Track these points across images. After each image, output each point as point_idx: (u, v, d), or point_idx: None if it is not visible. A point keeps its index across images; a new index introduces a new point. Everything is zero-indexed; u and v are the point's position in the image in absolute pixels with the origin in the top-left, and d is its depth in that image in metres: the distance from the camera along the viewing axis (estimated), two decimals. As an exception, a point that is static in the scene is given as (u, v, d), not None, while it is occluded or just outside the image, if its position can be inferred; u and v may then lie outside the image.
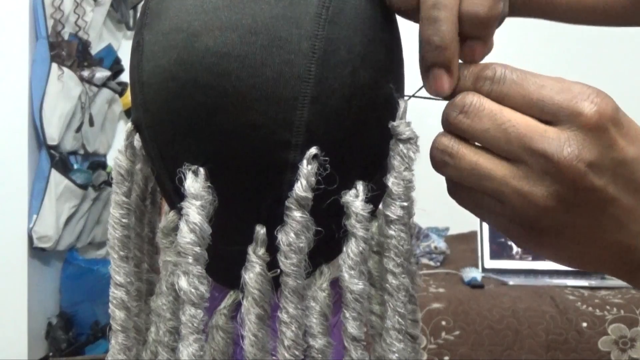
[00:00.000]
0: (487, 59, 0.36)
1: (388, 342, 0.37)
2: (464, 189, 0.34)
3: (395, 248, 0.37)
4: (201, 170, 0.34)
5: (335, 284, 0.38)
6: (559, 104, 0.31)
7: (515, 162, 0.31)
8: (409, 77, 0.41)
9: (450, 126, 0.33)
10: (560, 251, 0.33)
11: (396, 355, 0.37)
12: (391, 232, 0.37)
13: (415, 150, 0.36)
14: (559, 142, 0.30)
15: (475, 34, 0.34)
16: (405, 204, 0.36)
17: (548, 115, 0.31)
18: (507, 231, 0.34)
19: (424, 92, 0.39)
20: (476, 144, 0.33)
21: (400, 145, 0.37)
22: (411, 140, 0.36)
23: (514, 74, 0.32)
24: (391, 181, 0.37)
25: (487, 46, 0.35)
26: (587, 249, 0.33)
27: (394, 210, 0.37)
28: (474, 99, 0.32)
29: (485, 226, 1.93)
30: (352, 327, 0.36)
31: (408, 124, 0.37)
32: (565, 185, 0.30)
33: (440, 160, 0.34)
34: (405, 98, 0.39)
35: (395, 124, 0.37)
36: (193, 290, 0.34)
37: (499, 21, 0.36)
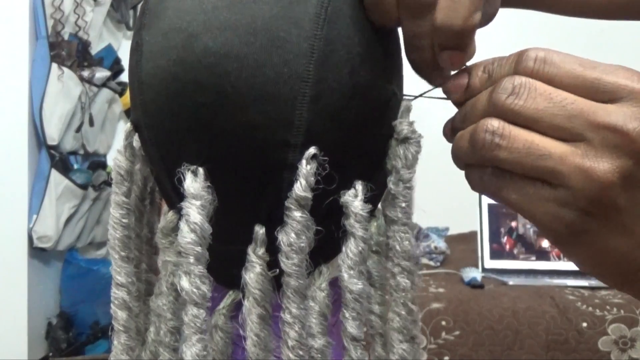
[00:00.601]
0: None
1: (389, 342, 0.38)
2: (505, 177, 0.32)
3: (395, 248, 0.37)
4: (200, 170, 0.34)
5: (334, 284, 0.38)
6: (617, 83, 0.30)
7: (572, 141, 0.30)
8: (408, 76, 0.41)
9: (499, 109, 0.32)
10: (598, 245, 0.32)
11: (396, 356, 0.37)
12: (391, 233, 0.37)
13: (415, 150, 0.36)
14: (624, 116, 0.29)
15: (451, 45, 0.34)
16: (403, 204, 0.37)
17: (605, 94, 0.30)
18: (553, 220, 0.32)
19: (428, 93, 0.39)
20: None
21: (399, 146, 0.37)
22: (409, 140, 0.36)
23: (558, 55, 0.31)
24: (391, 181, 0.37)
25: (467, 54, 0.35)
26: (626, 244, 0.32)
27: (393, 211, 0.37)
28: (522, 80, 0.31)
29: (485, 226, 1.93)
30: (351, 327, 0.36)
31: (410, 124, 0.37)
32: (631, 158, 0.30)
33: (490, 143, 0.32)
34: (411, 97, 0.39)
35: (395, 123, 0.37)
36: (195, 290, 0.34)
37: (486, 22, 0.37)
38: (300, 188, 0.34)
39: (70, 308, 2.18)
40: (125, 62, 2.42)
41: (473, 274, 1.76)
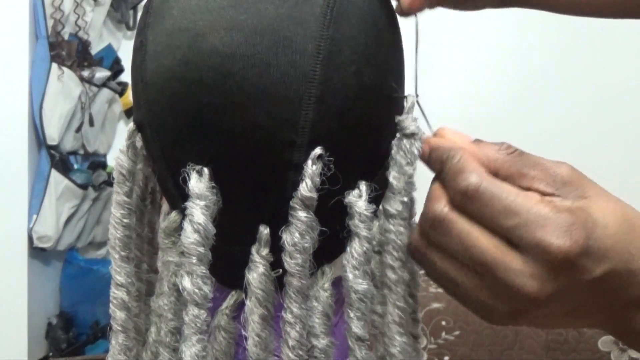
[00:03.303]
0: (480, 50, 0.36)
1: (389, 336, 0.37)
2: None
3: (394, 242, 0.37)
4: (205, 170, 0.34)
5: (337, 284, 0.38)
6: (527, 240, 0.30)
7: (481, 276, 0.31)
8: (408, 74, 0.41)
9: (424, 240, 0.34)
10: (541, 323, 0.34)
11: (398, 349, 0.37)
12: (390, 227, 0.37)
13: (419, 145, 0.36)
14: (522, 276, 0.30)
15: None
16: (405, 199, 0.36)
17: (516, 244, 0.30)
18: (483, 308, 0.33)
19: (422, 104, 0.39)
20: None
21: (404, 140, 0.37)
22: (415, 135, 0.37)
23: (487, 190, 0.31)
24: (392, 175, 0.37)
25: None
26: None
27: (394, 205, 0.37)
28: (441, 216, 0.32)
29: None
30: (356, 327, 0.36)
31: (414, 119, 0.37)
32: (524, 307, 0.31)
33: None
34: (413, 95, 0.39)
35: (400, 118, 0.37)
36: (197, 290, 0.34)
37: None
38: (306, 188, 0.34)
39: (70, 308, 2.18)
40: (125, 62, 2.41)
41: (473, 274, 1.76)
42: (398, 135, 0.37)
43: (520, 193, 0.31)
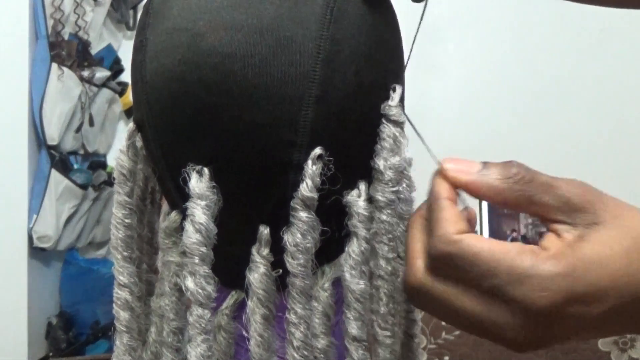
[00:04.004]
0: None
1: (382, 327, 0.37)
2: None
3: (388, 233, 0.36)
4: (205, 170, 0.34)
5: (338, 284, 0.38)
6: (508, 297, 0.29)
7: None
8: (408, 76, 0.41)
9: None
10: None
11: (389, 340, 0.36)
12: (383, 217, 0.36)
13: (400, 132, 0.36)
14: (510, 329, 0.29)
15: None
16: (395, 188, 0.36)
17: (500, 298, 0.30)
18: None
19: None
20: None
21: (387, 127, 0.36)
22: (399, 123, 0.36)
23: (459, 256, 0.30)
24: (382, 165, 0.36)
25: None
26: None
27: (385, 195, 0.36)
28: (417, 285, 0.31)
29: (485, 226, 1.94)
30: (352, 328, 0.35)
31: (399, 107, 0.36)
32: (521, 349, 0.30)
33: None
34: (399, 86, 0.38)
35: (385, 104, 0.36)
36: (200, 290, 0.34)
37: None
38: (307, 188, 0.34)
39: (70, 308, 2.18)
40: (125, 62, 2.41)
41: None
42: (383, 121, 0.36)
43: (497, 250, 0.30)
